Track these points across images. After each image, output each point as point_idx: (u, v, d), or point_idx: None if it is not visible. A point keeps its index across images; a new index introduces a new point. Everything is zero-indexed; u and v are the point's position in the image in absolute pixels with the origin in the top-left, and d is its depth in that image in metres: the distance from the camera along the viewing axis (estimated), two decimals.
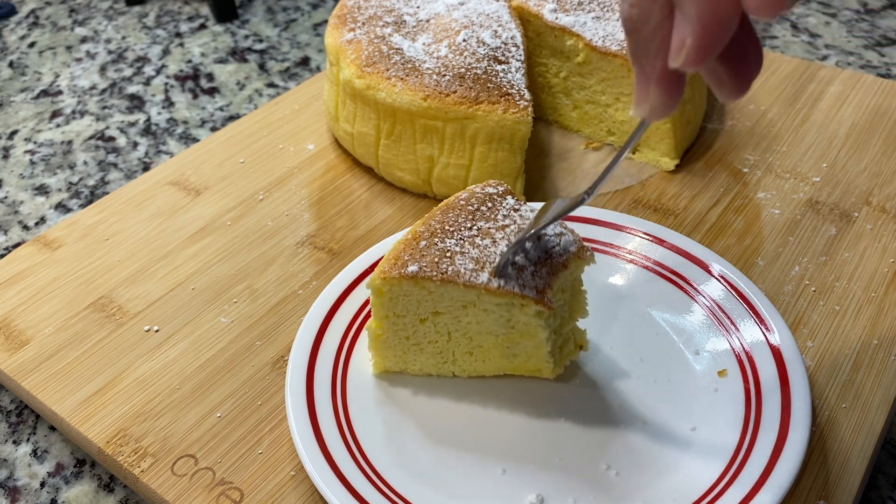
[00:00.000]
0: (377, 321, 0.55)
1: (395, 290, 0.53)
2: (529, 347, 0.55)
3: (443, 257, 0.52)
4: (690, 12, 0.32)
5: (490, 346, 0.56)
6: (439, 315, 0.55)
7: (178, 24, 1.19)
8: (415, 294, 0.53)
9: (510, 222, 0.54)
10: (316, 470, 0.50)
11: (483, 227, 0.54)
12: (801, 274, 0.67)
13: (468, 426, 0.56)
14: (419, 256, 0.52)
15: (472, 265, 0.52)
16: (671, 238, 0.66)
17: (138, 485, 0.54)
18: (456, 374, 0.59)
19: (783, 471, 0.49)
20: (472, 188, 0.57)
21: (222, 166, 0.80)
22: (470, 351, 0.57)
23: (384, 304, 0.54)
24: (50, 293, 0.67)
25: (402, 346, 0.57)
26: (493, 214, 0.55)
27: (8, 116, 0.99)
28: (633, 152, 0.81)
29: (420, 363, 0.58)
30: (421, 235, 0.54)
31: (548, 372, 0.57)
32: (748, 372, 0.57)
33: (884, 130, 0.83)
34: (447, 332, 0.56)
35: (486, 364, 0.58)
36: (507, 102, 0.70)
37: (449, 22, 0.77)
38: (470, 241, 0.53)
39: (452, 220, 0.54)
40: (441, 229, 0.54)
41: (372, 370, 0.58)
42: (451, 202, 0.56)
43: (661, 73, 0.36)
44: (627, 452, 0.54)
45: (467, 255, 0.52)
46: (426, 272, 0.51)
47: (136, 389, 0.59)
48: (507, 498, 0.51)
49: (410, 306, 0.54)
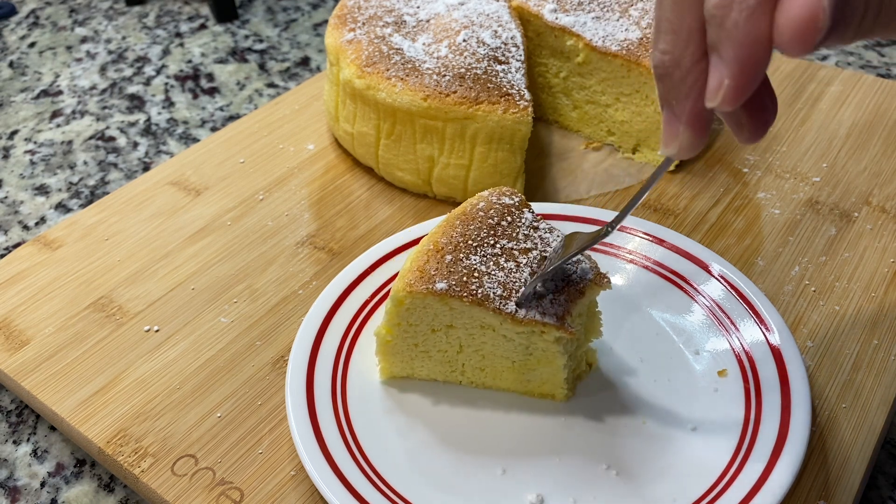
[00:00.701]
0: (388, 328, 0.55)
1: (417, 302, 0.53)
2: (545, 374, 0.55)
3: (471, 276, 0.52)
4: (728, 55, 0.34)
5: (503, 368, 0.56)
6: (453, 329, 0.55)
7: (178, 24, 1.19)
8: (435, 308, 0.53)
9: (532, 246, 0.54)
10: (316, 470, 0.50)
11: (506, 246, 0.54)
12: (801, 274, 0.67)
13: (468, 426, 0.56)
14: (447, 273, 0.52)
15: (500, 290, 0.52)
16: (671, 238, 0.66)
17: (138, 485, 0.54)
18: (463, 384, 0.58)
19: (783, 471, 0.49)
20: (488, 197, 0.57)
21: (222, 166, 0.80)
22: (481, 367, 0.57)
23: (401, 313, 0.54)
24: (50, 293, 0.67)
25: (410, 353, 0.57)
26: (514, 232, 0.55)
27: (8, 116, 0.99)
28: (632, 152, 0.81)
29: (428, 369, 0.58)
30: (445, 248, 0.53)
31: (560, 396, 0.57)
32: (748, 372, 0.57)
33: (884, 130, 0.83)
34: (458, 345, 0.56)
35: (496, 381, 0.58)
36: (507, 102, 0.70)
37: (449, 22, 0.77)
38: (494, 261, 0.53)
39: (474, 233, 0.54)
40: (464, 244, 0.53)
41: (378, 376, 0.58)
42: (470, 212, 0.56)
43: (690, 114, 0.39)
44: (627, 452, 0.54)
45: (494, 277, 0.52)
46: (455, 291, 0.51)
47: (137, 389, 0.59)
48: (507, 498, 0.51)
49: (426, 318, 0.54)
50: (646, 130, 0.79)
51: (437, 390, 0.58)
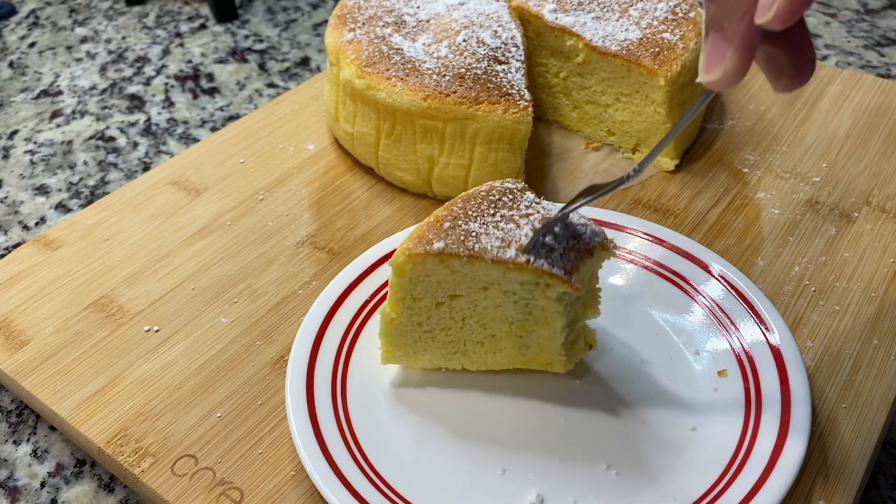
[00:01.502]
0: (392, 304, 0.55)
1: (417, 268, 0.52)
2: (543, 337, 0.55)
3: (468, 236, 0.52)
4: None
5: (503, 334, 0.56)
6: (456, 298, 0.54)
7: (178, 25, 1.19)
8: (437, 274, 0.53)
9: (533, 212, 0.54)
10: (316, 470, 0.50)
11: (506, 214, 0.53)
12: (801, 274, 0.67)
13: (468, 426, 0.56)
14: (444, 235, 0.52)
15: (498, 243, 0.51)
16: (671, 238, 0.66)
17: (138, 485, 0.54)
18: (465, 368, 0.58)
19: (783, 471, 0.49)
20: (491, 183, 0.57)
21: (222, 166, 0.80)
22: (481, 341, 0.57)
23: (403, 284, 0.53)
24: (50, 293, 0.67)
25: (414, 334, 0.56)
26: (514, 205, 0.54)
27: (8, 116, 0.99)
28: (632, 152, 0.81)
29: (430, 354, 0.58)
30: (444, 219, 0.53)
31: (559, 366, 0.57)
32: (748, 372, 0.57)
33: (884, 130, 0.83)
34: (461, 319, 0.56)
35: (496, 357, 0.57)
36: (507, 102, 0.70)
37: (449, 22, 0.77)
38: (494, 224, 0.52)
39: (474, 206, 0.54)
40: (464, 214, 0.53)
41: (380, 360, 0.58)
42: (471, 193, 0.56)
43: (741, 38, 0.39)
44: (627, 452, 0.54)
45: (492, 235, 0.52)
46: (452, 248, 0.51)
47: (137, 389, 0.59)
48: (507, 498, 0.51)
49: (430, 288, 0.54)
50: (646, 130, 0.79)
51: (438, 390, 0.58)
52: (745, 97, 0.88)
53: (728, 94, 0.89)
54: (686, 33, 0.76)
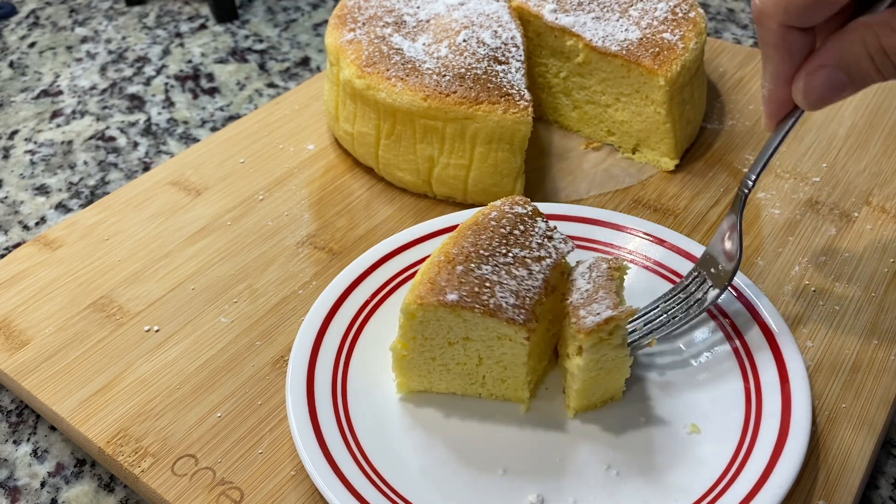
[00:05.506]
0: (403, 342, 0.54)
1: (429, 315, 0.52)
2: (610, 381, 0.54)
3: (482, 287, 0.51)
4: None
5: (527, 373, 0.55)
6: (470, 341, 0.54)
7: (178, 24, 1.19)
8: (448, 321, 0.52)
9: (546, 254, 0.53)
10: (316, 470, 0.50)
11: (519, 255, 0.53)
12: (801, 274, 0.67)
13: (468, 426, 0.56)
14: (457, 283, 0.51)
15: (513, 299, 0.51)
16: (671, 238, 0.66)
17: (138, 485, 0.54)
18: (483, 397, 0.57)
19: (783, 471, 0.49)
20: (500, 206, 0.56)
21: (222, 166, 0.80)
22: (502, 378, 0.56)
23: (414, 326, 0.53)
24: (50, 293, 0.67)
25: (428, 367, 0.56)
26: (527, 241, 0.54)
27: (8, 116, 0.99)
28: (632, 152, 0.81)
29: (447, 382, 0.57)
30: (455, 259, 0.52)
31: (580, 408, 0.56)
32: (748, 372, 0.57)
33: (884, 130, 0.83)
34: (477, 357, 0.55)
35: (521, 393, 0.56)
36: (507, 102, 0.70)
37: (449, 22, 0.77)
38: (507, 270, 0.52)
39: (486, 243, 0.53)
40: (476, 253, 0.53)
41: (396, 390, 0.57)
42: (482, 222, 0.55)
43: None
44: (627, 452, 0.54)
45: (506, 286, 0.51)
46: (466, 302, 0.50)
47: (137, 389, 0.59)
48: (507, 498, 0.51)
49: (441, 331, 0.53)
50: (646, 130, 0.79)
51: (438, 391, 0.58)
52: (745, 97, 0.88)
53: (728, 94, 0.89)
54: (686, 33, 0.76)
